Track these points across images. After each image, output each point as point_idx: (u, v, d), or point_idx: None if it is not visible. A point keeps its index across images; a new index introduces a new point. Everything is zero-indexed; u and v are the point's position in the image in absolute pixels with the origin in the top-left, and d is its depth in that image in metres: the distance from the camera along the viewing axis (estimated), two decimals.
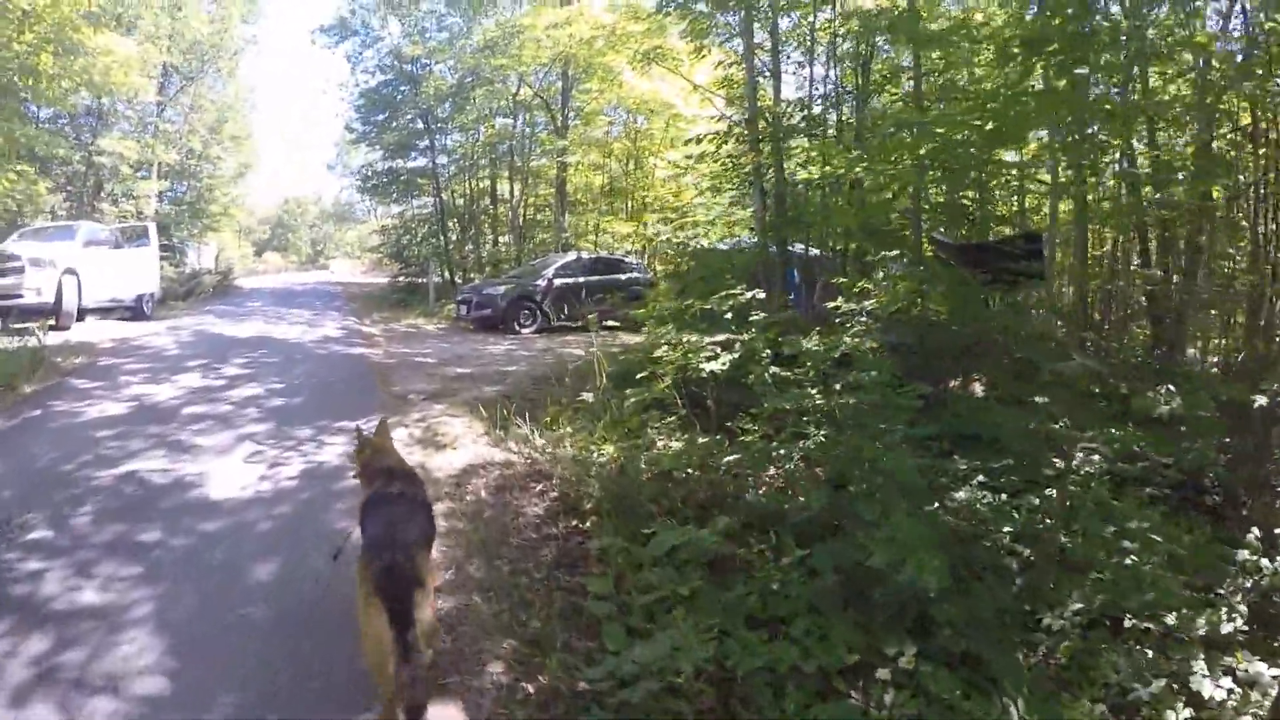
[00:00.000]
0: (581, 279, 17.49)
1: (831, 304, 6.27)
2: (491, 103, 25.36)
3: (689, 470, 5.53)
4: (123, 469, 5.82)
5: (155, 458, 6.14)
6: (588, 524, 4.96)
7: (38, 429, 6.87)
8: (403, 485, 3.42)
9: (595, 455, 5.99)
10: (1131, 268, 8.30)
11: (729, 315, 6.51)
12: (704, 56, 15.84)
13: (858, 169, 7.60)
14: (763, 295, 6.86)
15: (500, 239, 27.12)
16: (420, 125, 25.36)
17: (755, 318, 6.35)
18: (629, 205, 26.83)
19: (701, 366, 6.40)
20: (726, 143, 11.37)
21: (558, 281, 17.03)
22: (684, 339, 6.63)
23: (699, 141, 11.42)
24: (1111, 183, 8.59)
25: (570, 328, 17.02)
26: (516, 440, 6.69)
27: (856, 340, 5.25)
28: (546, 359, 12.03)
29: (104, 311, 16.55)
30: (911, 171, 6.86)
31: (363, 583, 2.82)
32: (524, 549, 4.70)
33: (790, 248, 10.39)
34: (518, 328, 16.23)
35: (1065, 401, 4.29)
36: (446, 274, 24.59)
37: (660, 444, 6.11)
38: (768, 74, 11.25)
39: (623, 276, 18.23)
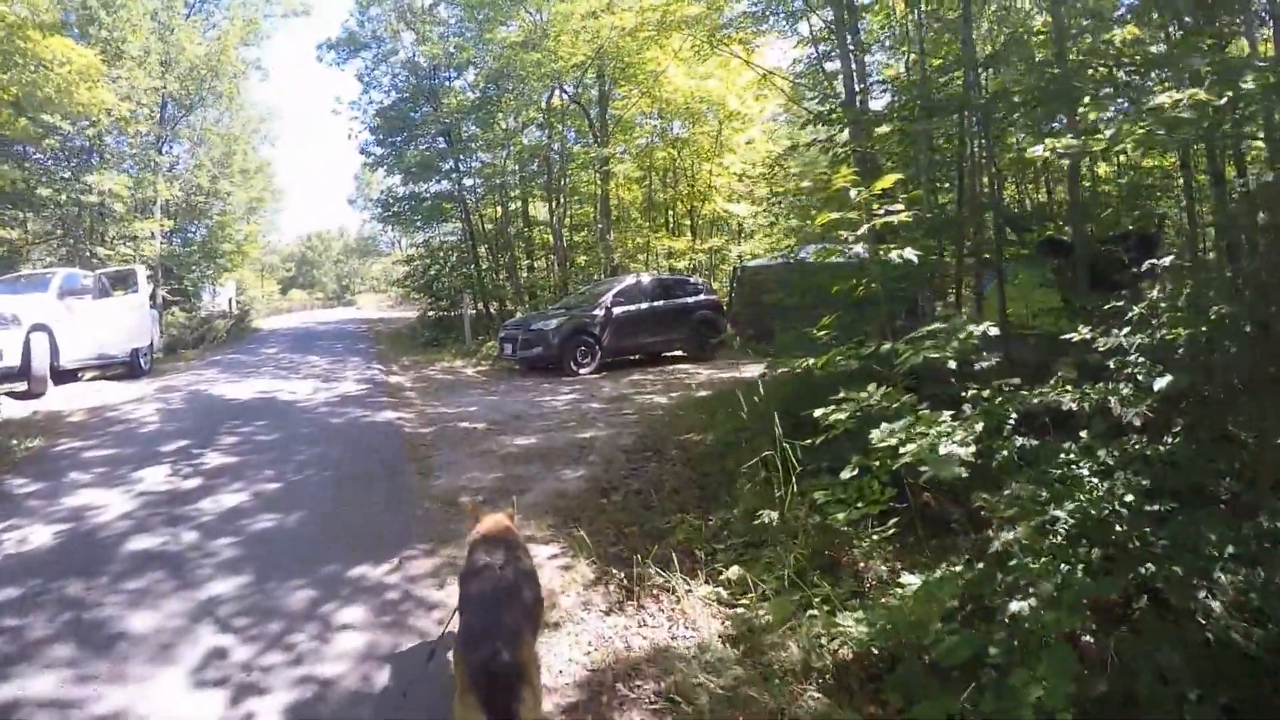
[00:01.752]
0: (645, 305, 14.91)
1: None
2: (520, 114, 22.81)
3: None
4: None
5: (44, 672, 3.50)
6: None
7: None
8: (505, 553, 3.04)
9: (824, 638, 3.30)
10: None
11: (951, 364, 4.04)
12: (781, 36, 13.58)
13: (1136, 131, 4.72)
14: (995, 330, 4.18)
15: (535, 264, 24.49)
16: (443, 144, 22.84)
17: (987, 364, 4.23)
18: (671, 219, 24.20)
19: (944, 457, 3.60)
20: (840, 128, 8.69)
21: (617, 310, 14.40)
22: (917, 418, 3.85)
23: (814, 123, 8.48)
24: None
25: (632, 363, 14.44)
26: (654, 599, 4.01)
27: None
28: (626, 412, 9.46)
29: (96, 369, 14.55)
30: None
31: (460, 676, 2.53)
32: None
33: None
34: (574, 367, 13.64)
35: None
36: (481, 305, 21.97)
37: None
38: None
39: (690, 300, 15.70)
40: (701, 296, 16.05)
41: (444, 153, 23.01)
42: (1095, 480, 3.41)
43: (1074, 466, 3.53)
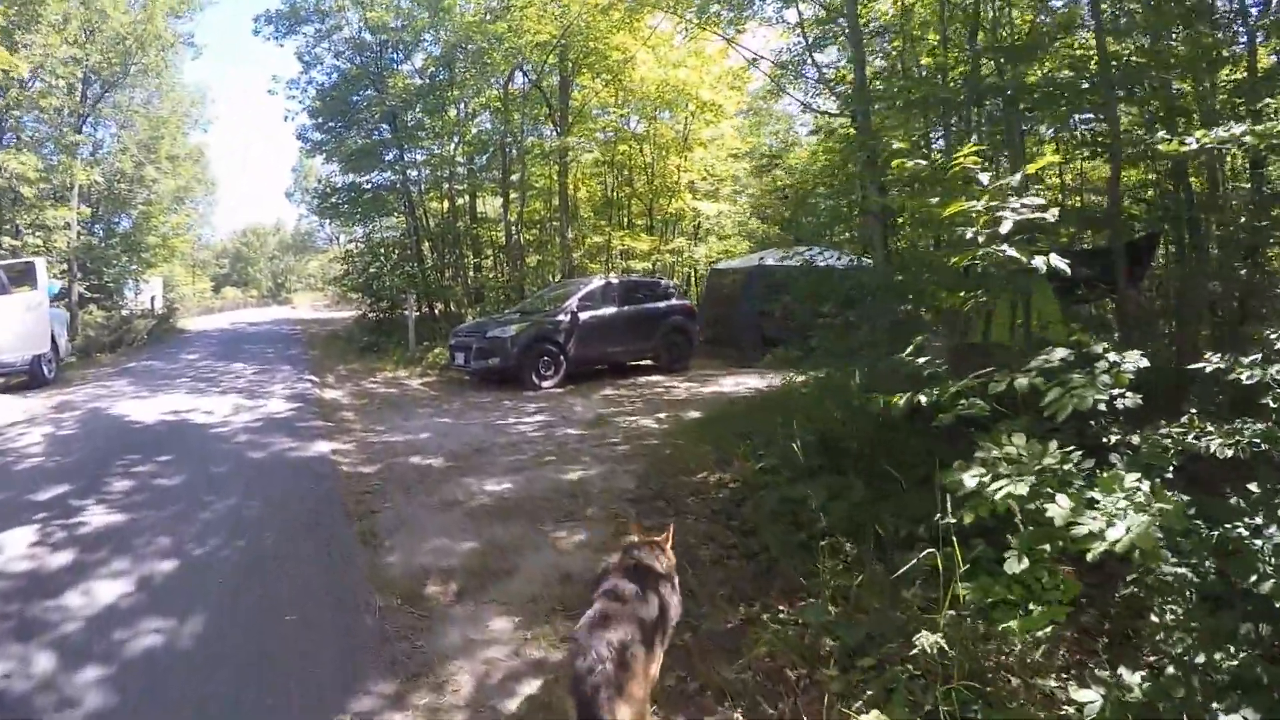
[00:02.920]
0: (613, 310, 13.53)
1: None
2: (473, 100, 21.13)
3: None
4: None
5: None
6: None
7: None
8: (635, 580, 2.98)
9: None
10: None
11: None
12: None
13: None
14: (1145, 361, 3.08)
15: (483, 263, 22.76)
16: (386, 132, 21.01)
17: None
18: (626, 217, 22.78)
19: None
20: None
21: (584, 316, 12.94)
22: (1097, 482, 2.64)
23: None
24: None
25: (598, 374, 13.05)
26: None
27: None
28: (612, 440, 8.17)
29: None
30: None
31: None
32: None
33: None
34: (536, 380, 12.19)
35: None
36: (426, 307, 20.18)
37: None
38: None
39: (662, 305, 14.32)
40: (674, 301, 14.69)
41: (387, 141, 21.23)
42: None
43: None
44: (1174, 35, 6.99)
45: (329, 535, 5.33)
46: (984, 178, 3.50)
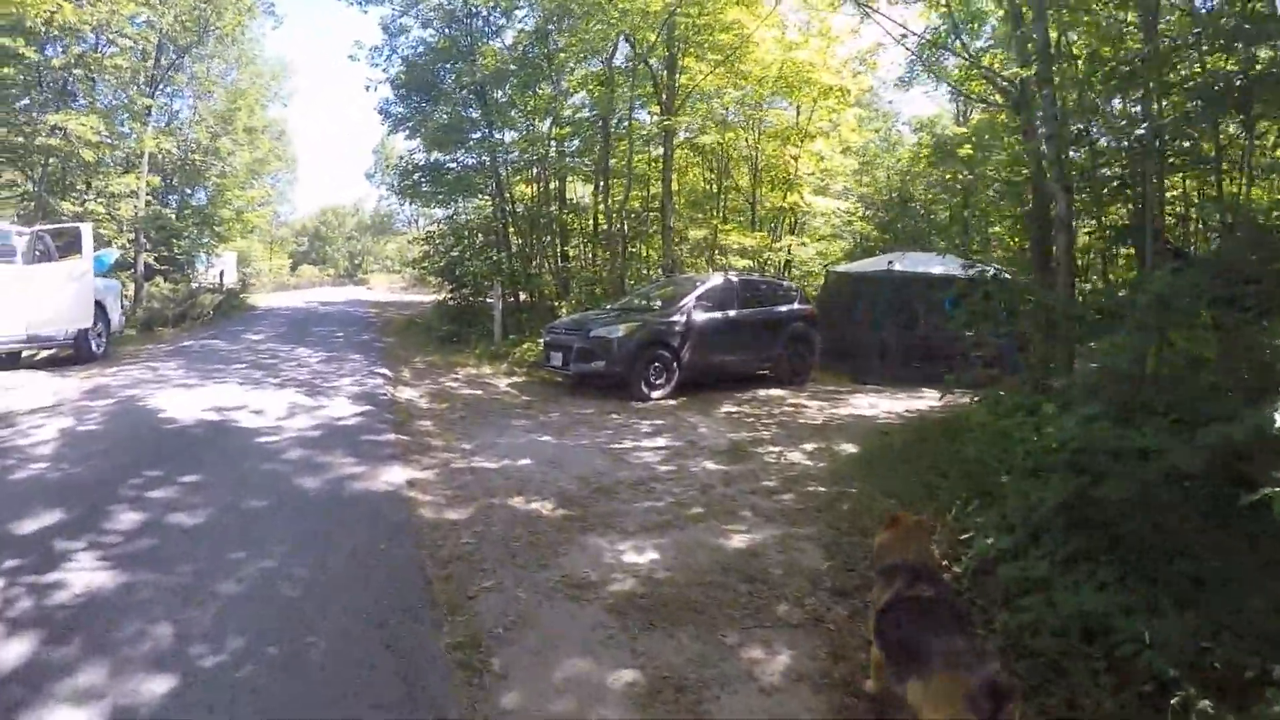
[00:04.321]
0: (732, 313, 11.55)
1: None
2: (572, 73, 19.18)
3: None
4: None
5: None
6: None
7: None
8: (934, 587, 2.88)
9: None
10: None
11: None
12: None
13: None
14: None
15: (571, 253, 20.79)
16: (474, 112, 19.18)
17: None
18: (722, 210, 20.57)
19: None
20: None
21: (700, 318, 10.97)
22: None
23: None
24: None
25: (709, 386, 11.11)
26: None
27: None
28: (767, 482, 6.33)
29: (39, 349, 12.08)
30: None
31: (947, 703, 2.32)
32: None
33: None
34: (645, 390, 10.31)
35: None
36: (512, 296, 18.29)
37: None
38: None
39: (784, 309, 12.32)
40: (796, 305, 12.64)
41: (475, 121, 19.46)
42: None
43: None
44: None
45: (408, 648, 3.41)
46: None
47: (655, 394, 10.35)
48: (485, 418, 8.74)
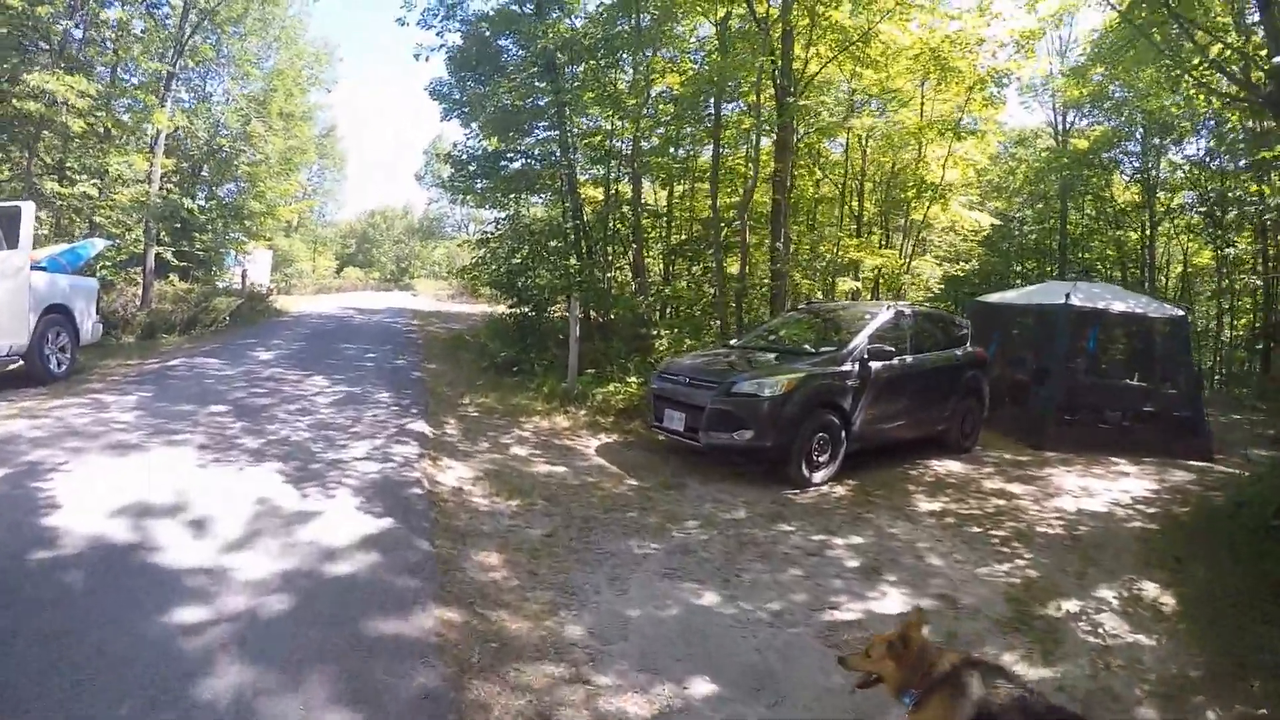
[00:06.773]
0: (909, 360, 8.01)
1: None
2: (670, 45, 15.44)
3: None
4: None
5: None
6: None
7: None
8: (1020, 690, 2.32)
9: None
10: None
11: None
12: None
13: None
14: None
15: (652, 265, 17.13)
16: (541, 99, 15.66)
17: None
18: (840, 222, 16.76)
19: None
20: None
21: (874, 365, 7.40)
22: None
23: None
24: None
25: (869, 462, 7.51)
26: None
27: None
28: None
29: None
30: None
31: None
32: None
33: None
34: (806, 472, 6.73)
35: None
36: (586, 315, 14.37)
37: None
38: None
39: (959, 353, 8.87)
40: (968, 348, 9.02)
41: (543, 109, 15.93)
42: None
43: None
44: None
45: None
46: None
47: (817, 475, 6.81)
48: (588, 537, 5.08)
